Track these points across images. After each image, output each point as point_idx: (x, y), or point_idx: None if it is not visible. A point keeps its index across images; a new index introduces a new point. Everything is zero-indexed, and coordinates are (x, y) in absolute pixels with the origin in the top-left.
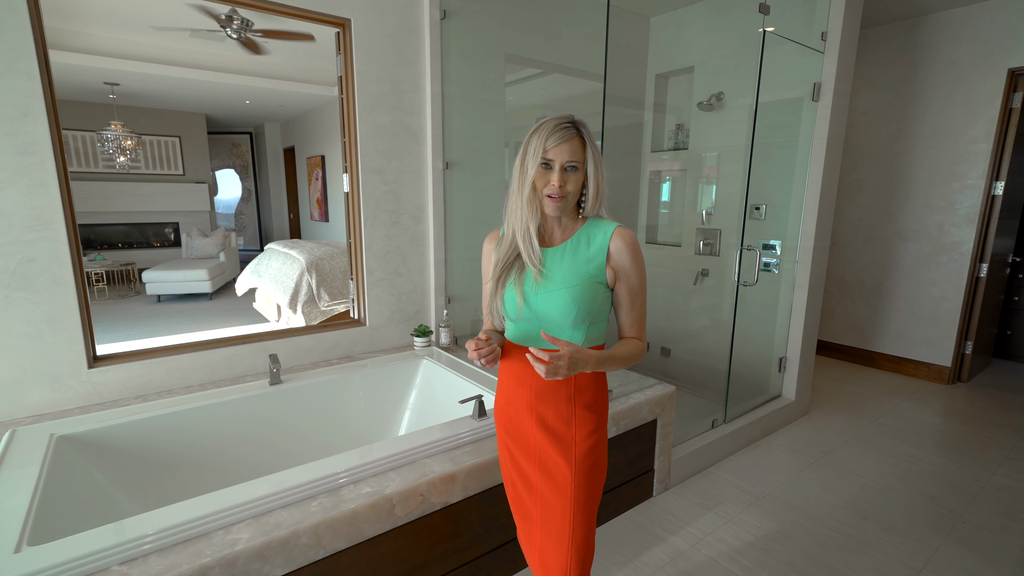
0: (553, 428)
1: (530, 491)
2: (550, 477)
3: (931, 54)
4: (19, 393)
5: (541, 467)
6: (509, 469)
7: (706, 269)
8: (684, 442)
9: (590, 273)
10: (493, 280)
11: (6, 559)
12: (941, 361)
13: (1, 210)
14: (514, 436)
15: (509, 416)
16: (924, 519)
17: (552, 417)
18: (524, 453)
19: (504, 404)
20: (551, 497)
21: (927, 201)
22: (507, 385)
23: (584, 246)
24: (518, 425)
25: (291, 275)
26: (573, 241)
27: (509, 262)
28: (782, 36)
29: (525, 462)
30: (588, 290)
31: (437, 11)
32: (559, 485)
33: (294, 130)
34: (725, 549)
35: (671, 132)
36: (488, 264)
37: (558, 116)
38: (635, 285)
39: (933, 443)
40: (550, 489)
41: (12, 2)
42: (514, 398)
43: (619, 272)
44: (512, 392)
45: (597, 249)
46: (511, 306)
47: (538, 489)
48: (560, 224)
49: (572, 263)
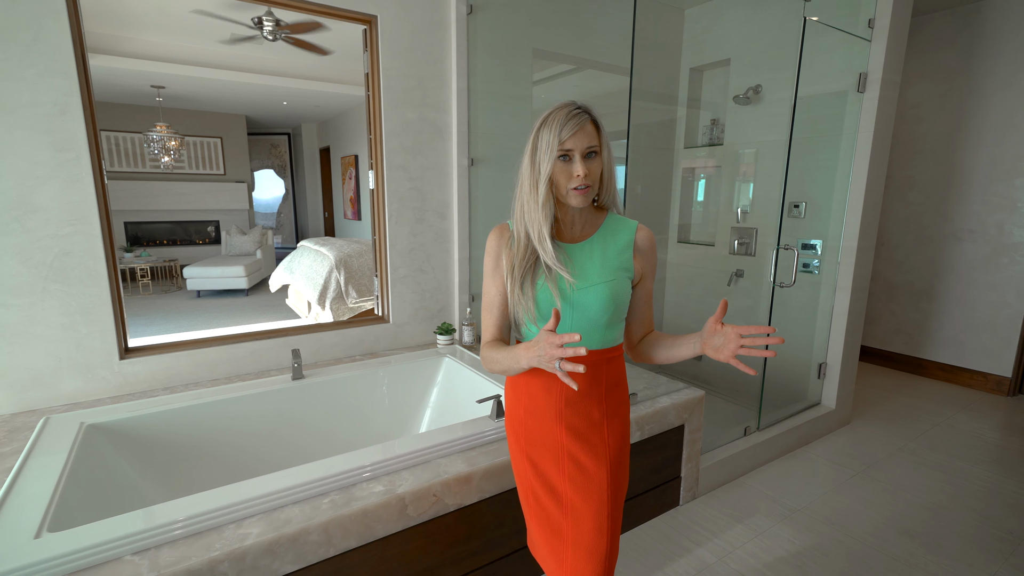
0: (584, 434)
1: (560, 505)
2: (583, 487)
3: (991, 41)
4: (55, 382)
5: (572, 478)
6: (533, 485)
7: (741, 269)
8: (714, 449)
9: (623, 267)
10: (516, 283)
11: (26, 544)
12: (1000, 371)
13: (39, 205)
14: (539, 449)
15: (530, 428)
16: (978, 541)
17: (583, 423)
18: (553, 464)
19: (523, 415)
20: (584, 507)
21: (986, 199)
22: (528, 395)
23: (612, 240)
24: (543, 437)
25: (321, 272)
26: (600, 236)
27: (530, 263)
28: (825, 24)
29: (555, 474)
30: (622, 285)
31: (464, 6)
32: (594, 493)
33: (329, 130)
34: (756, 564)
35: (705, 127)
36: (493, 261)
37: (562, 104)
38: (651, 280)
39: (990, 459)
40: (583, 499)
41: (54, 5)
42: (537, 408)
43: (645, 267)
44: (535, 402)
45: (625, 243)
46: (546, 305)
47: (569, 501)
48: (581, 217)
49: (603, 258)
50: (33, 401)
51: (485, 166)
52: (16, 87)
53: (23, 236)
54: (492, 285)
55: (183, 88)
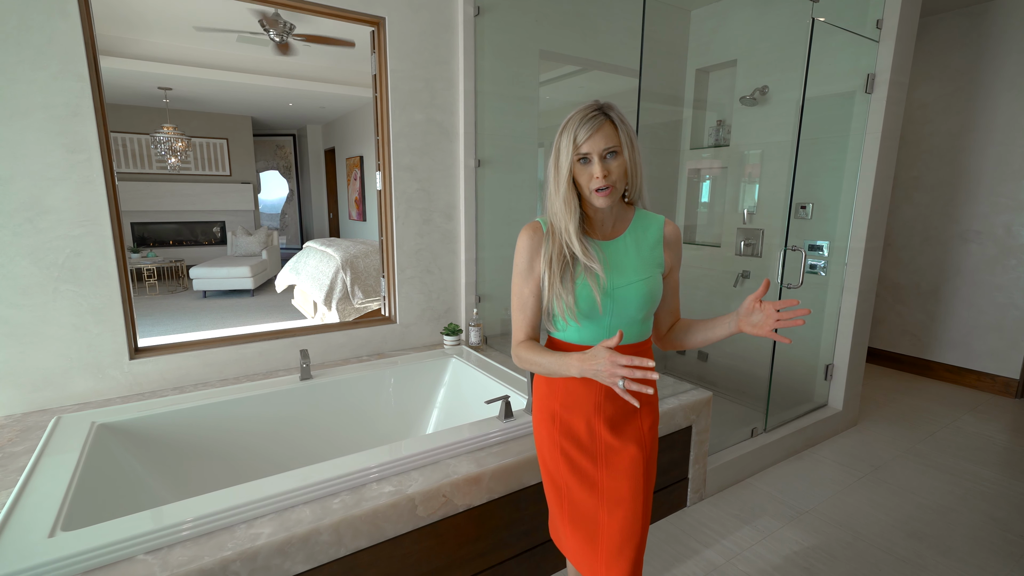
0: (620, 425)
1: (596, 493)
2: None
3: (1000, 42)
4: (66, 382)
5: (608, 463)
6: (567, 479)
7: (747, 271)
8: (721, 451)
9: (656, 261)
10: (556, 276)
11: (40, 543)
12: (1007, 373)
13: (51, 206)
14: (575, 440)
15: (567, 421)
16: (988, 544)
17: (619, 416)
18: (589, 456)
19: (560, 408)
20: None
21: (993, 200)
22: (566, 391)
23: (643, 236)
24: (581, 429)
25: (327, 272)
26: (632, 231)
27: (569, 258)
28: (833, 25)
29: (590, 465)
30: (657, 280)
31: (471, 8)
32: (628, 474)
33: (334, 132)
34: (764, 566)
35: (711, 128)
36: (526, 260)
37: (583, 106)
38: (678, 271)
39: (999, 461)
40: (617, 482)
41: (65, 7)
42: (576, 403)
43: (673, 260)
44: (574, 397)
45: (655, 238)
46: (587, 303)
47: (604, 487)
48: (612, 214)
49: (638, 254)
50: (44, 401)
51: (492, 167)
52: (29, 89)
53: (35, 237)
54: (524, 285)
55: (190, 89)
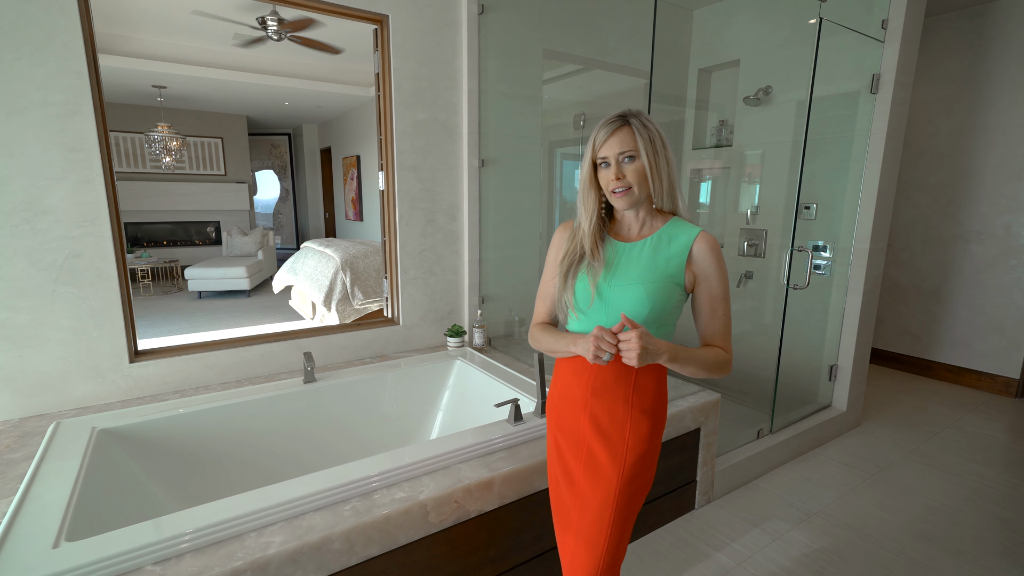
0: (605, 430)
1: (572, 489)
2: (594, 478)
3: (1001, 43)
4: (65, 386)
5: (587, 466)
6: (555, 466)
7: (750, 271)
8: (728, 452)
9: (669, 272)
10: (561, 272)
11: (44, 554)
12: (1008, 373)
13: (50, 206)
14: (565, 432)
15: (560, 411)
16: (997, 545)
17: (606, 418)
18: (573, 450)
19: (557, 399)
20: (591, 498)
21: (994, 200)
22: (562, 380)
23: (665, 244)
24: (569, 421)
25: (326, 273)
26: (654, 238)
27: (578, 255)
28: (838, 24)
29: (572, 459)
30: (665, 289)
31: (475, 6)
32: (601, 488)
33: (331, 131)
34: (775, 569)
35: (714, 129)
36: (553, 251)
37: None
38: (716, 292)
39: (1002, 461)
40: (591, 490)
41: (64, 4)
42: (568, 393)
43: (700, 276)
44: (567, 387)
45: (679, 249)
46: (582, 297)
47: (580, 488)
48: (638, 218)
49: (651, 260)
50: (42, 405)
51: (496, 167)
52: (27, 87)
53: (33, 238)
54: (550, 276)
55: (184, 88)
